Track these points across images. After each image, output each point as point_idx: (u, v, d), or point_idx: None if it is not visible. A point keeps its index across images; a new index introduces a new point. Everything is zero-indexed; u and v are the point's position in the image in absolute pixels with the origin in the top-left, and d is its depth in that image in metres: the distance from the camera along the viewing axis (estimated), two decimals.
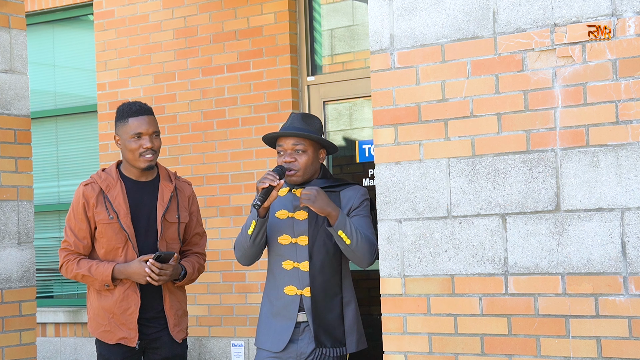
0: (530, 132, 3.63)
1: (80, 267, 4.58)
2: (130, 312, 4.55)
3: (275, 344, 4.19)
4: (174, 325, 4.64)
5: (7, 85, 5.43)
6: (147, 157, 4.56)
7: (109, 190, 4.58)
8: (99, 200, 4.57)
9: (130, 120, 4.56)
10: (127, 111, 4.58)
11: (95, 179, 4.63)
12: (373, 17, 3.96)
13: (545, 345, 3.59)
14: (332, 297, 4.18)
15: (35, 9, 8.76)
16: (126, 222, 4.54)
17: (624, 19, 3.47)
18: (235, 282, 7.44)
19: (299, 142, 4.19)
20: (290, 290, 4.19)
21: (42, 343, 8.45)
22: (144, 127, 4.55)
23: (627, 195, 3.45)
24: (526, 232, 3.63)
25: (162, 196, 4.63)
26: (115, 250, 4.57)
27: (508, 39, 3.68)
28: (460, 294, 3.76)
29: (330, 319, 4.16)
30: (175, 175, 4.76)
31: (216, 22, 7.60)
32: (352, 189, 4.27)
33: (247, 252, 4.22)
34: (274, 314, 4.23)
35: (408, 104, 3.88)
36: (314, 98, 7.32)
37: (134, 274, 4.49)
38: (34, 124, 6.57)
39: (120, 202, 4.56)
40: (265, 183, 4.05)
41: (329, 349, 4.15)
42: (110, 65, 8.14)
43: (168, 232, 4.62)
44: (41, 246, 8.64)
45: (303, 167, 4.20)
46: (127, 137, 4.56)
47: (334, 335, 4.16)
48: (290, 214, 4.23)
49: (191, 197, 4.78)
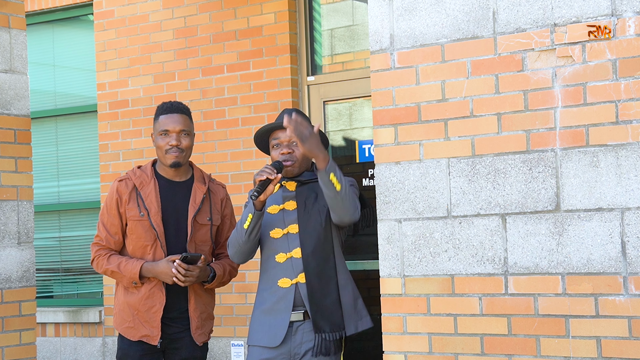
0: (530, 132, 3.63)
1: (110, 262, 4.59)
2: (155, 310, 4.55)
3: (271, 339, 4.18)
4: (196, 327, 4.62)
5: (7, 85, 5.43)
6: (172, 153, 4.57)
7: (142, 188, 4.60)
8: (132, 197, 4.59)
9: (160, 117, 4.61)
10: (160, 109, 4.65)
11: (130, 175, 4.66)
12: (373, 17, 3.96)
13: (545, 345, 3.59)
14: (328, 281, 4.16)
15: (35, 9, 8.76)
16: (156, 221, 4.55)
17: (624, 19, 3.47)
18: (235, 282, 7.43)
19: None
20: (284, 283, 4.19)
21: (42, 343, 8.45)
22: (171, 125, 4.57)
23: (627, 195, 3.45)
24: (526, 232, 3.63)
25: (195, 197, 4.63)
26: (144, 248, 4.58)
27: (508, 39, 3.68)
28: (460, 294, 3.76)
29: (328, 304, 4.14)
30: (209, 177, 4.77)
31: (216, 22, 7.60)
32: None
33: (242, 247, 4.22)
34: (268, 310, 4.23)
35: (408, 104, 3.89)
36: (313, 98, 7.32)
37: (161, 273, 4.50)
38: (34, 124, 6.57)
39: (152, 200, 4.57)
40: (263, 175, 4.07)
41: (328, 333, 4.14)
42: (110, 65, 8.14)
43: (198, 233, 4.62)
44: (41, 246, 8.64)
45: (300, 158, 4.23)
46: (156, 133, 4.61)
47: (332, 319, 4.14)
48: (281, 206, 4.24)
49: (224, 199, 4.77)
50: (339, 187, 3.99)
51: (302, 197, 4.21)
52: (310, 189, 4.22)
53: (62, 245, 8.82)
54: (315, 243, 4.17)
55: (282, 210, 4.25)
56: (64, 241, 8.80)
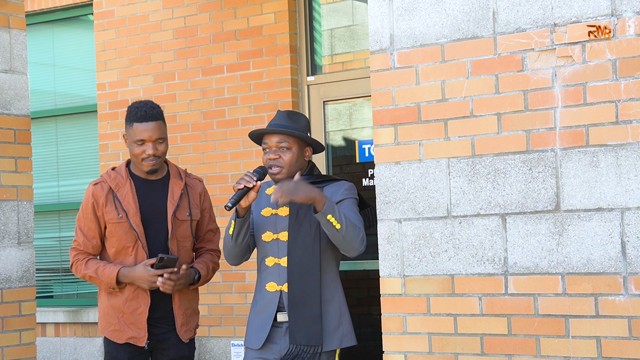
0: (530, 132, 3.63)
1: (88, 268, 4.58)
2: (140, 311, 4.54)
3: (255, 341, 4.18)
4: (182, 324, 4.62)
5: (7, 85, 5.43)
6: (149, 162, 4.54)
7: (119, 189, 4.57)
8: (108, 200, 4.56)
9: (135, 125, 4.52)
10: (133, 115, 4.54)
11: (104, 178, 4.62)
12: (373, 17, 3.96)
13: (545, 345, 3.59)
14: (311, 294, 4.10)
15: (35, 9, 8.76)
16: (135, 222, 4.53)
17: (623, 19, 3.47)
18: (235, 282, 7.44)
19: (283, 140, 4.18)
20: (271, 287, 4.18)
21: (42, 343, 8.45)
22: (147, 135, 4.51)
23: (627, 195, 3.45)
24: (526, 232, 3.63)
25: (172, 194, 4.61)
26: (126, 250, 4.56)
27: (508, 39, 3.68)
28: (460, 294, 3.76)
29: (307, 316, 4.09)
30: (185, 172, 4.74)
31: (216, 22, 7.60)
32: (336, 185, 4.20)
33: (232, 251, 4.22)
34: (257, 312, 4.23)
35: (408, 104, 3.89)
36: (313, 98, 7.32)
37: (138, 278, 4.49)
38: (34, 124, 6.57)
39: (130, 201, 4.55)
40: (241, 184, 4.04)
41: (303, 345, 4.11)
42: (110, 65, 8.14)
43: (179, 230, 4.61)
44: (41, 246, 8.64)
45: (287, 164, 4.18)
46: (131, 140, 4.55)
47: (309, 333, 4.09)
48: (274, 210, 4.22)
49: (202, 193, 4.74)
50: (338, 227, 3.94)
51: (295, 204, 4.13)
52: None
53: (62, 245, 8.82)
54: (302, 253, 4.11)
55: (275, 215, 4.22)
56: (64, 241, 8.80)
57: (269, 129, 4.20)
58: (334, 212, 3.94)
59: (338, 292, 4.22)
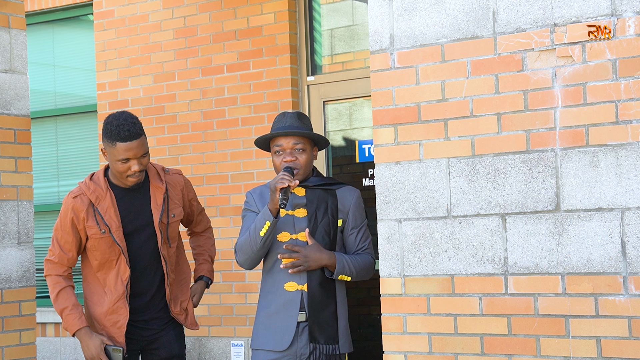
0: (530, 132, 3.63)
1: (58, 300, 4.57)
2: (119, 325, 4.53)
3: (279, 343, 4.18)
4: (178, 311, 4.67)
5: (7, 85, 5.43)
6: (134, 178, 4.45)
7: (99, 203, 4.47)
8: (89, 214, 4.48)
9: (118, 144, 4.37)
10: (115, 134, 4.37)
11: (83, 190, 4.51)
12: (373, 17, 3.96)
13: (545, 345, 3.59)
14: (328, 293, 4.22)
15: (35, 9, 8.76)
16: (119, 236, 4.47)
17: (623, 19, 3.47)
18: (235, 282, 7.44)
19: (299, 141, 4.21)
20: (291, 287, 4.20)
21: (42, 343, 8.45)
22: (132, 153, 4.39)
23: (627, 195, 3.45)
24: (526, 232, 3.63)
25: (156, 200, 4.55)
26: (110, 263, 4.54)
27: (508, 39, 3.68)
28: (460, 293, 3.76)
29: (325, 316, 4.18)
30: (163, 169, 4.65)
31: (216, 22, 7.60)
32: (348, 189, 4.32)
33: (256, 254, 4.19)
34: (273, 313, 4.22)
35: (408, 104, 3.88)
36: (313, 98, 7.32)
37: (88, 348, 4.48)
38: (34, 124, 6.57)
39: (112, 215, 4.47)
40: (285, 183, 4.06)
41: (322, 345, 4.16)
42: (110, 65, 8.14)
43: (166, 233, 4.60)
44: (41, 246, 8.63)
45: (304, 165, 4.22)
46: (114, 158, 4.41)
47: (328, 332, 4.18)
48: (290, 212, 4.24)
49: (183, 187, 4.69)
50: (349, 279, 4.26)
51: (312, 206, 4.23)
52: (321, 197, 4.23)
53: None
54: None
55: (292, 217, 4.25)
56: None
57: (285, 131, 4.20)
58: (343, 270, 4.21)
59: (346, 298, 4.36)
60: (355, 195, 4.32)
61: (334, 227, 4.24)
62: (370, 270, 4.31)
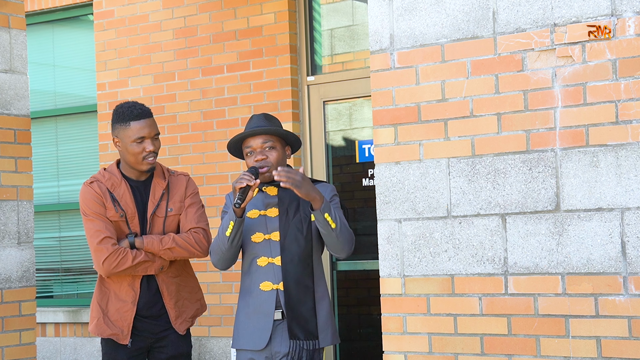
0: (530, 132, 3.63)
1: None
2: (126, 309, 4.55)
3: (256, 342, 4.20)
4: (176, 317, 4.63)
5: (7, 85, 5.43)
6: (149, 160, 4.55)
7: (115, 189, 4.57)
8: (107, 198, 4.57)
9: (132, 123, 4.52)
10: (128, 114, 4.54)
11: (98, 178, 4.61)
12: (373, 17, 3.96)
13: (545, 345, 3.59)
14: (305, 290, 4.20)
15: (35, 9, 8.76)
16: (134, 223, 4.56)
17: (623, 19, 3.47)
18: (235, 282, 7.43)
19: (268, 139, 4.24)
20: (266, 286, 4.21)
21: (42, 343, 8.45)
22: (146, 131, 4.53)
23: (627, 195, 3.45)
24: (526, 232, 3.63)
25: (154, 194, 4.62)
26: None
27: (508, 39, 3.68)
28: (460, 293, 3.76)
29: (303, 312, 4.18)
30: (168, 171, 4.73)
31: (216, 22, 7.60)
32: (321, 186, 4.30)
33: (225, 254, 4.23)
34: (251, 313, 4.25)
35: (408, 104, 3.89)
36: (313, 98, 7.32)
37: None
38: (34, 124, 6.57)
39: (128, 201, 4.57)
40: (243, 182, 4.08)
41: (302, 341, 4.16)
42: (110, 65, 8.14)
43: (158, 227, 4.62)
44: (41, 246, 8.64)
45: (275, 163, 4.23)
46: (128, 140, 4.53)
47: (307, 328, 4.18)
48: (262, 212, 4.26)
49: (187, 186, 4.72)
50: (334, 225, 4.06)
51: (284, 204, 4.23)
52: (292, 195, 4.22)
53: (62, 245, 8.82)
54: (295, 252, 4.19)
55: (264, 217, 4.25)
56: (64, 241, 8.81)
57: (252, 131, 4.24)
58: (330, 211, 4.05)
59: (327, 292, 4.33)
60: (329, 189, 4.29)
61: (307, 223, 4.21)
62: (351, 238, 4.16)
